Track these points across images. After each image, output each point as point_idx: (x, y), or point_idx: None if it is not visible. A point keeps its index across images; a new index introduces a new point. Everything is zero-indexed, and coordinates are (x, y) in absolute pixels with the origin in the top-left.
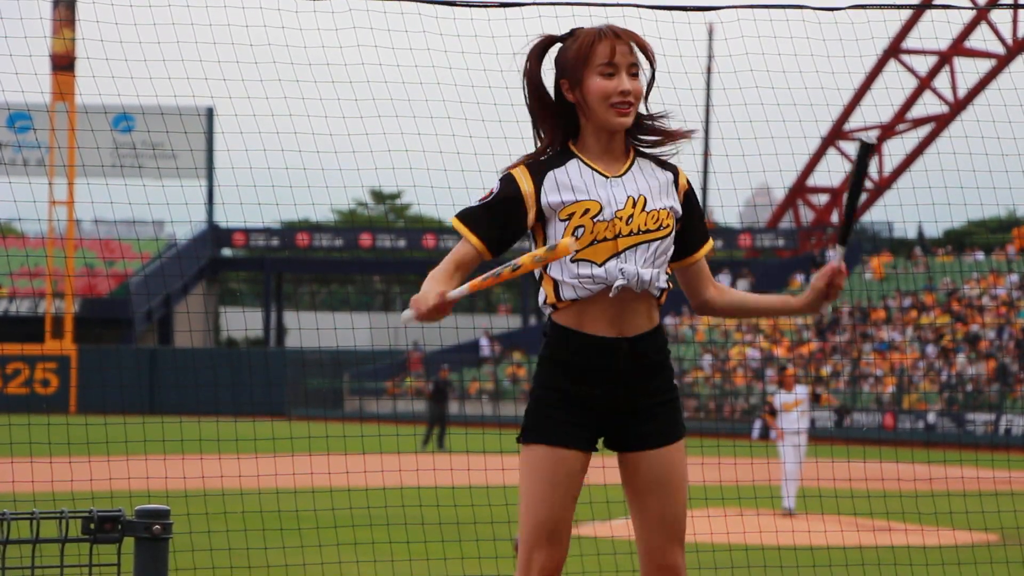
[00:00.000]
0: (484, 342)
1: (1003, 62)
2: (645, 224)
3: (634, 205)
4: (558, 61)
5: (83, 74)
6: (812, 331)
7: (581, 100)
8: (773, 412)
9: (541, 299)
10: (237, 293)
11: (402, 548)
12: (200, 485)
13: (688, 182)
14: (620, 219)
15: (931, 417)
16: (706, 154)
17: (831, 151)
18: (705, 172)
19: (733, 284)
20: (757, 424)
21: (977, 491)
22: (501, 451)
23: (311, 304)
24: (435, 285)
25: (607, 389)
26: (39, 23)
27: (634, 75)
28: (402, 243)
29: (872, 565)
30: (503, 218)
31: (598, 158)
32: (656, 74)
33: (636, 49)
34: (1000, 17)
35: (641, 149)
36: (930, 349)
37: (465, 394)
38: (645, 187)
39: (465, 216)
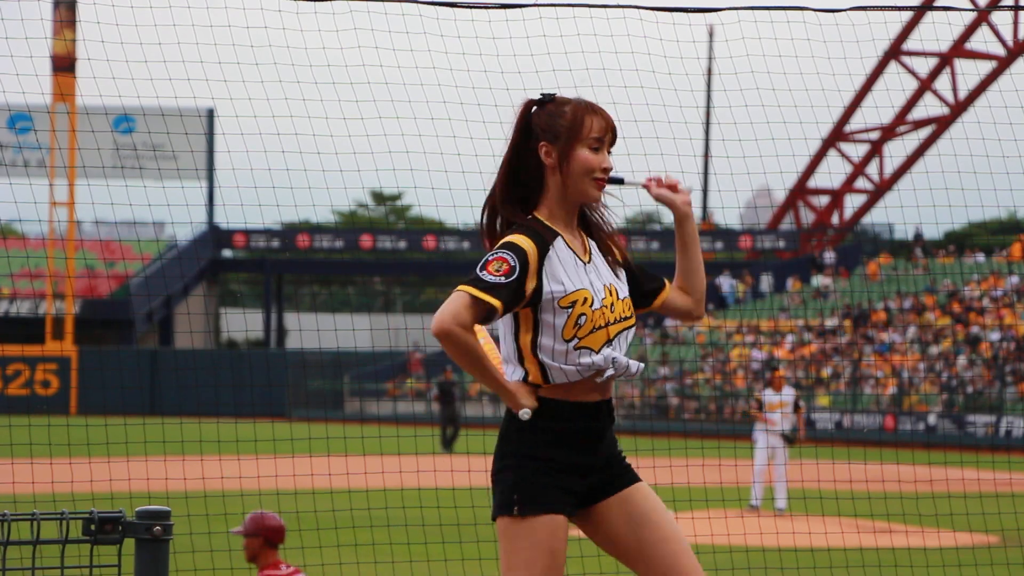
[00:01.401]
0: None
1: (1004, 64)
2: (623, 312)
3: (611, 293)
4: (538, 124)
5: (84, 75)
6: (813, 332)
7: (560, 167)
8: (760, 407)
9: (518, 376)
10: (238, 294)
11: (403, 549)
12: (201, 486)
13: (624, 260)
14: (606, 307)
15: (931, 419)
16: (706, 156)
17: (832, 152)
18: (705, 173)
19: (733, 285)
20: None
21: (977, 493)
22: None
23: (311, 305)
24: (519, 389)
25: (593, 449)
26: (40, 24)
27: (610, 153)
28: (403, 244)
29: (872, 566)
30: (517, 290)
31: (568, 234)
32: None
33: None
34: (1001, 19)
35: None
36: (931, 350)
37: (465, 395)
38: (609, 275)
39: (484, 286)
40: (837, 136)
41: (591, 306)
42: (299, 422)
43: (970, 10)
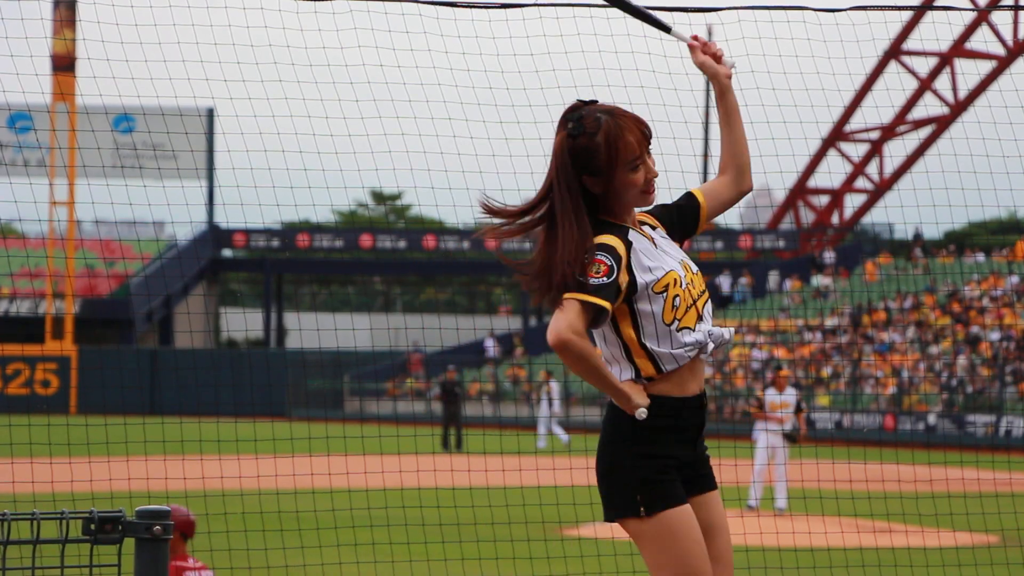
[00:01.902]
0: (489, 343)
1: (1004, 63)
2: (701, 285)
3: (687, 270)
4: (579, 158)
5: (84, 75)
6: (813, 332)
7: (610, 192)
8: (761, 407)
9: (629, 375)
10: (237, 294)
11: (403, 549)
12: (200, 486)
13: (658, 216)
14: (689, 284)
15: (931, 418)
16: (705, 156)
17: (832, 152)
18: (705, 174)
19: (733, 285)
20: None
21: (977, 492)
22: (502, 452)
23: (311, 305)
24: (633, 388)
25: (693, 444)
26: (40, 24)
27: (650, 154)
28: (402, 244)
29: (872, 566)
30: (617, 288)
31: (633, 225)
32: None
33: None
34: (1001, 18)
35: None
36: (931, 350)
37: (466, 395)
38: (676, 251)
39: (590, 290)
40: (837, 136)
41: (680, 286)
42: (299, 422)
43: (970, 10)
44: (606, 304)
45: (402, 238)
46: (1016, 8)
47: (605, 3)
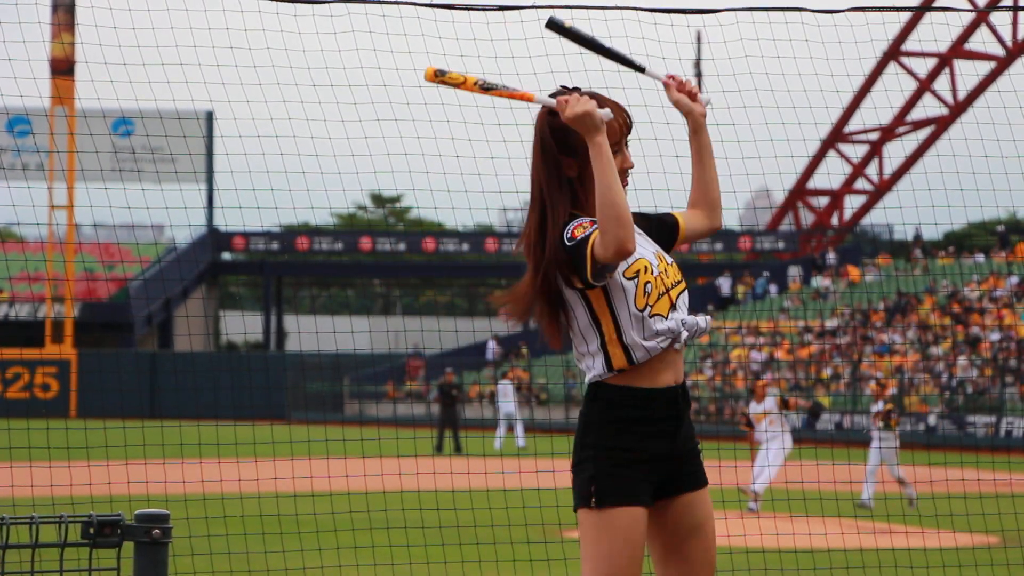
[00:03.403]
0: (491, 344)
1: (1003, 64)
2: (676, 275)
3: (661, 259)
4: (558, 137)
5: (82, 78)
6: (813, 334)
7: (586, 175)
8: (750, 424)
9: (600, 368)
10: (237, 297)
11: (402, 552)
12: (200, 489)
13: (635, 220)
14: (663, 272)
15: (931, 419)
16: None
17: (831, 153)
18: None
19: (733, 287)
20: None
21: (978, 493)
22: (501, 455)
23: (311, 308)
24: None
25: (671, 438)
26: (38, 28)
27: (628, 146)
28: (402, 247)
29: (872, 567)
30: None
31: None
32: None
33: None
34: (1000, 19)
35: None
36: (931, 351)
37: (465, 398)
38: (650, 242)
39: (586, 236)
40: (836, 137)
41: (652, 273)
42: (298, 424)
43: (969, 11)
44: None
45: (401, 240)
46: (1015, 9)
47: (580, 45)
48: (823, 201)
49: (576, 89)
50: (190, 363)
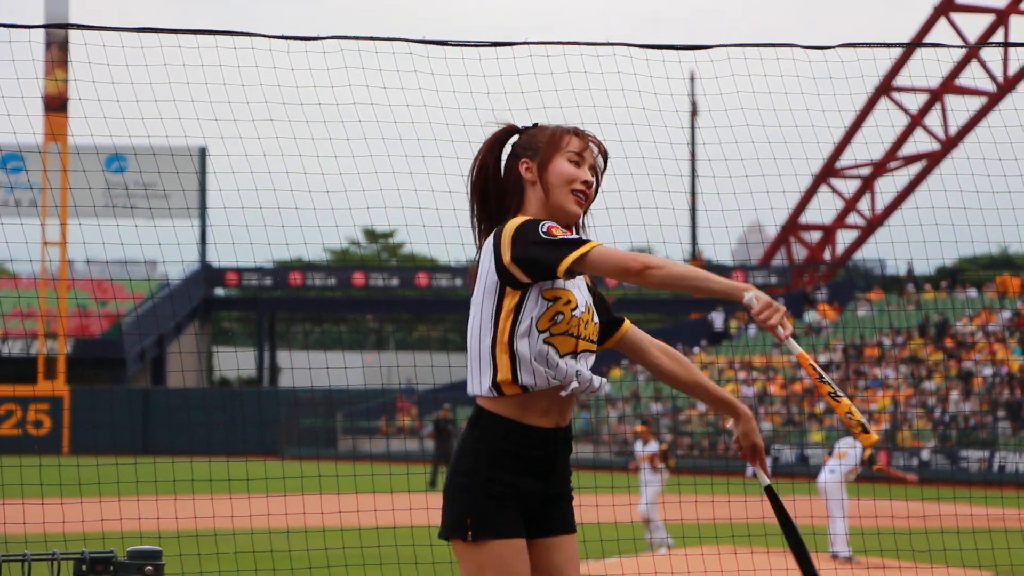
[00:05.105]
0: None
1: (994, 100)
2: (592, 335)
3: (589, 311)
4: (521, 143)
5: (75, 115)
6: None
7: (541, 180)
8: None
9: (487, 380)
10: (230, 333)
11: None
12: (192, 525)
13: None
14: (581, 321)
15: (925, 454)
16: (693, 193)
17: (823, 188)
18: (693, 209)
19: (726, 321)
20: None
21: (971, 528)
22: None
23: (304, 343)
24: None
25: (543, 478)
26: (31, 64)
27: (593, 175)
28: (395, 282)
29: None
30: None
31: None
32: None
33: (597, 154)
34: (990, 55)
35: None
36: (924, 386)
37: (459, 432)
38: (588, 296)
39: (573, 242)
40: (828, 172)
41: (572, 310)
42: (291, 460)
43: (960, 47)
44: (593, 241)
45: (394, 276)
46: (1006, 45)
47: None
48: (815, 236)
49: (535, 125)
50: (183, 399)
